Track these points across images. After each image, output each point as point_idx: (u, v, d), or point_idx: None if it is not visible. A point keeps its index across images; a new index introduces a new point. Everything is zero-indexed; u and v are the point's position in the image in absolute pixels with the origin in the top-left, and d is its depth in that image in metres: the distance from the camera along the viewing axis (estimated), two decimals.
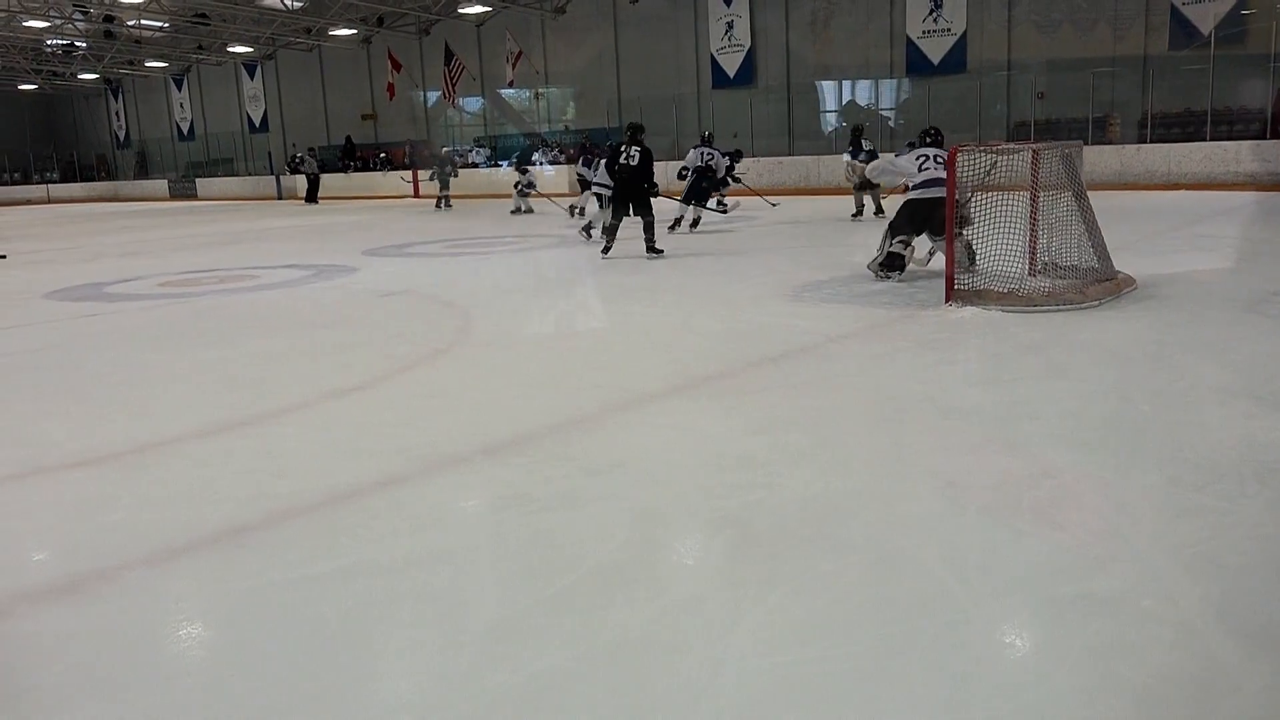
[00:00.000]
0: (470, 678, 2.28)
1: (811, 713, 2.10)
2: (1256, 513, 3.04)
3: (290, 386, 5.40)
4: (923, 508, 3.22)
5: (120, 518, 3.43)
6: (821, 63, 23.59)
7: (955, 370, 5.33)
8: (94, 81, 39.74)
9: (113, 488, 3.79)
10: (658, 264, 9.88)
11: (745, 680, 2.23)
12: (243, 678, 2.33)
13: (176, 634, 2.61)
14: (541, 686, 2.24)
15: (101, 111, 42.57)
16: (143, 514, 3.45)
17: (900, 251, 8.08)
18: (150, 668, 2.42)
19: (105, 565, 2.99)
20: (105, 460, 4.13)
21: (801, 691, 2.18)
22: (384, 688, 2.28)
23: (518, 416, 4.55)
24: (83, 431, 4.61)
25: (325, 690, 2.26)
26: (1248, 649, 2.26)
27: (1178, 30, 18.73)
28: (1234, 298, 6.70)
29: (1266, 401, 4.28)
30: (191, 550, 3.10)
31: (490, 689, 2.23)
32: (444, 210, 21.57)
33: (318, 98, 34.48)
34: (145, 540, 3.18)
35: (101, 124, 42.82)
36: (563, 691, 2.22)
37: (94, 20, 30.11)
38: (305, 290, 9.43)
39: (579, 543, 3.04)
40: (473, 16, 28.75)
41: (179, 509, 3.47)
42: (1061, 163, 7.25)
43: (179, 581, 2.90)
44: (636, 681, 2.25)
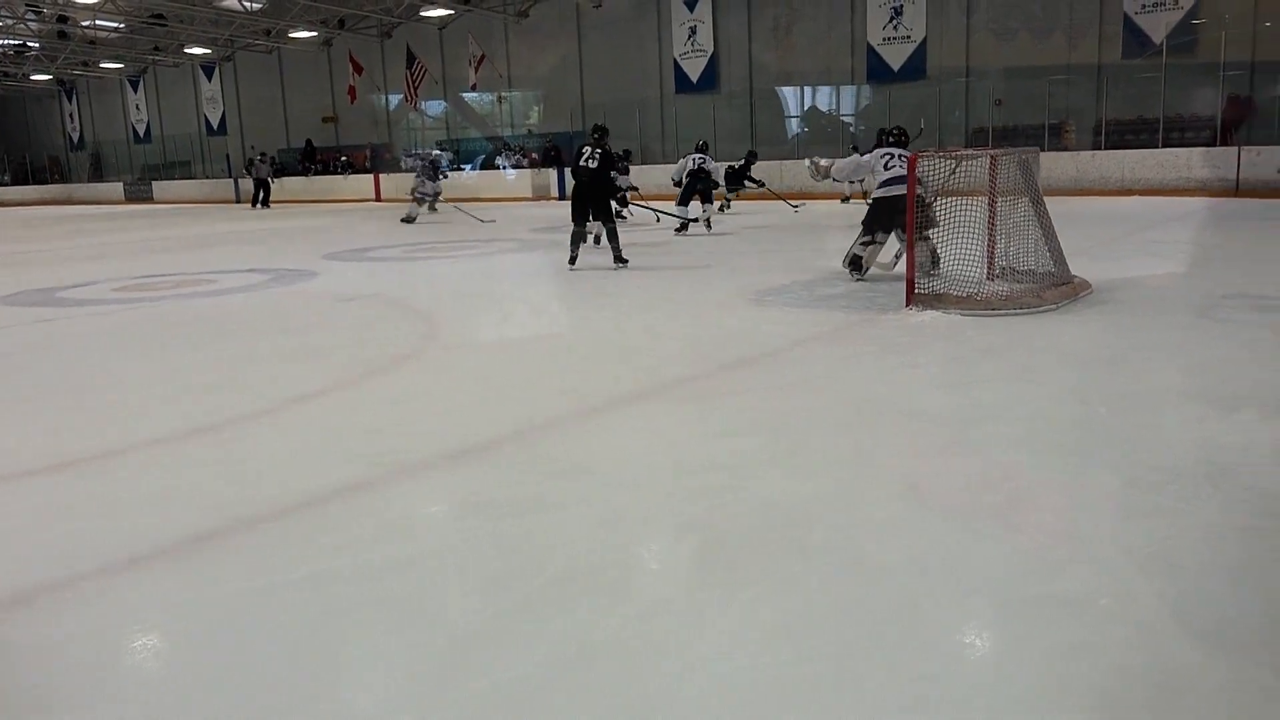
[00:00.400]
0: (437, 685, 2.28)
1: (778, 716, 2.11)
2: (1211, 514, 3.10)
3: (251, 392, 5.34)
4: (886, 511, 3.25)
5: (77, 526, 3.38)
6: (783, 69, 23.73)
7: (917, 374, 5.39)
8: (47, 82, 39.06)
9: (70, 496, 3.73)
10: (622, 269, 9.89)
11: (712, 684, 2.24)
12: (205, 689, 2.31)
13: (135, 645, 2.57)
14: (509, 693, 2.23)
15: (55, 113, 41.85)
16: (100, 522, 3.40)
17: (860, 254, 8.23)
18: (109, 681, 2.39)
19: (62, 575, 2.94)
20: (62, 468, 4.06)
21: (768, 695, 2.19)
22: (350, 696, 2.27)
23: (483, 422, 4.53)
24: (37, 439, 4.53)
25: (291, 701, 2.24)
26: (1203, 648, 2.31)
27: (1130, 39, 19.06)
28: (1187, 302, 6.83)
29: (1219, 404, 4.37)
30: (151, 559, 3.06)
31: (458, 696, 2.23)
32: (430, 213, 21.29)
33: (277, 100, 34.13)
34: (102, 549, 3.13)
35: (55, 126, 42.09)
36: (530, 698, 2.21)
37: (47, 20, 29.63)
38: (265, 295, 9.34)
39: (545, 548, 3.04)
40: (435, 19, 28.62)
41: (138, 517, 3.42)
42: (1019, 169, 7.36)
43: (138, 591, 2.86)
44: (603, 687, 2.25)
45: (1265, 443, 3.84)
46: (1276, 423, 4.09)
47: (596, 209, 9.85)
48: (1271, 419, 4.14)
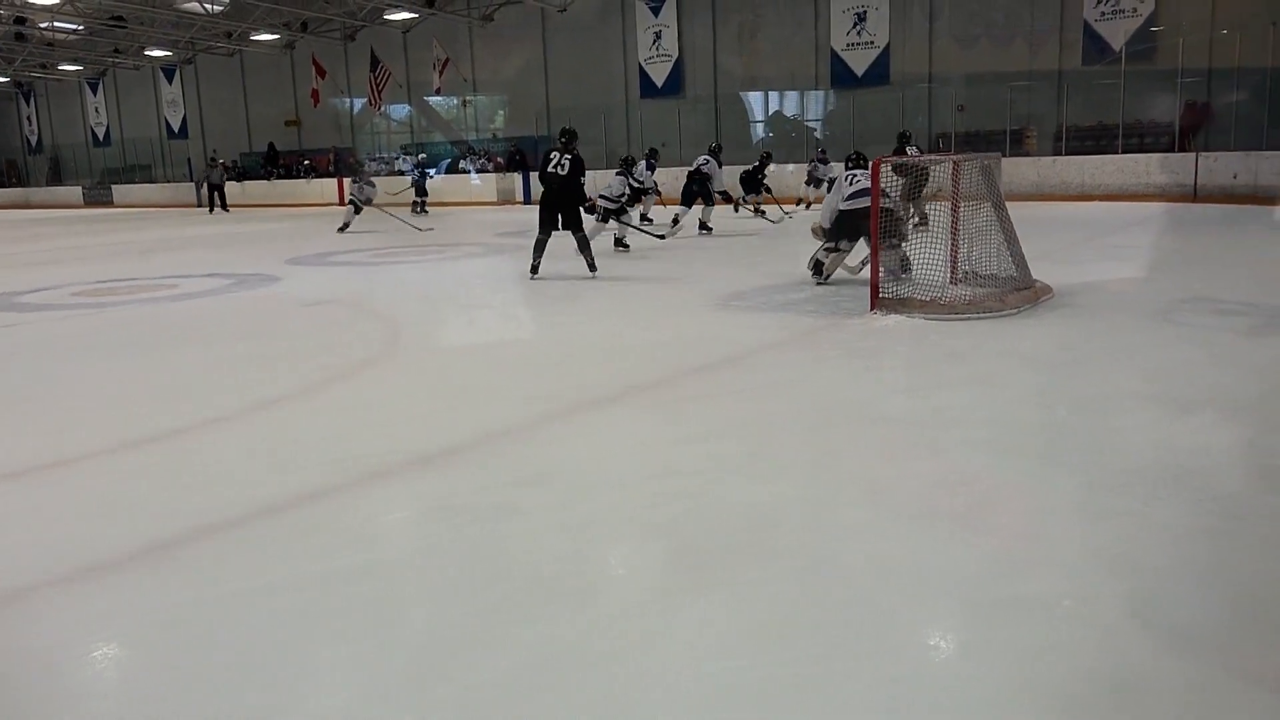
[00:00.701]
0: (403, 692, 2.25)
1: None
2: (1170, 514, 3.14)
3: (212, 398, 5.27)
4: (852, 514, 3.26)
5: (33, 535, 3.31)
6: (748, 74, 23.84)
7: (881, 378, 5.43)
8: (4, 85, 38.41)
9: (25, 503, 3.66)
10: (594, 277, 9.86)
11: (678, 689, 2.23)
12: (165, 700, 2.27)
13: (93, 656, 2.52)
14: (475, 700, 2.22)
15: (12, 115, 41.17)
16: (57, 531, 3.34)
17: (822, 258, 8.32)
18: (64, 692, 2.34)
19: (16, 585, 2.89)
20: (18, 475, 3.98)
21: (734, 699, 2.19)
22: (314, 705, 2.24)
23: (448, 427, 4.51)
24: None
25: (254, 711, 2.21)
26: (1164, 649, 2.33)
27: (1090, 46, 19.33)
28: (1146, 306, 6.92)
29: (1179, 407, 4.43)
30: (109, 568, 3.01)
31: (423, 703, 2.21)
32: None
33: (239, 103, 33.79)
34: (59, 558, 3.07)
35: (12, 128, 41.41)
36: (497, 704, 2.20)
37: (4, 21, 29.13)
38: (227, 300, 9.23)
39: (511, 554, 3.02)
40: (399, 23, 28.47)
41: (95, 525, 3.37)
42: (981, 174, 7.43)
43: (96, 601, 2.81)
44: (570, 693, 2.24)
45: (1223, 445, 3.90)
46: (1234, 425, 4.15)
47: (567, 218, 9.33)
48: (1229, 421, 4.20)
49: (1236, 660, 2.28)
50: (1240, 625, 2.46)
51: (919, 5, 21.20)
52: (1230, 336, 5.89)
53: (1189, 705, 2.13)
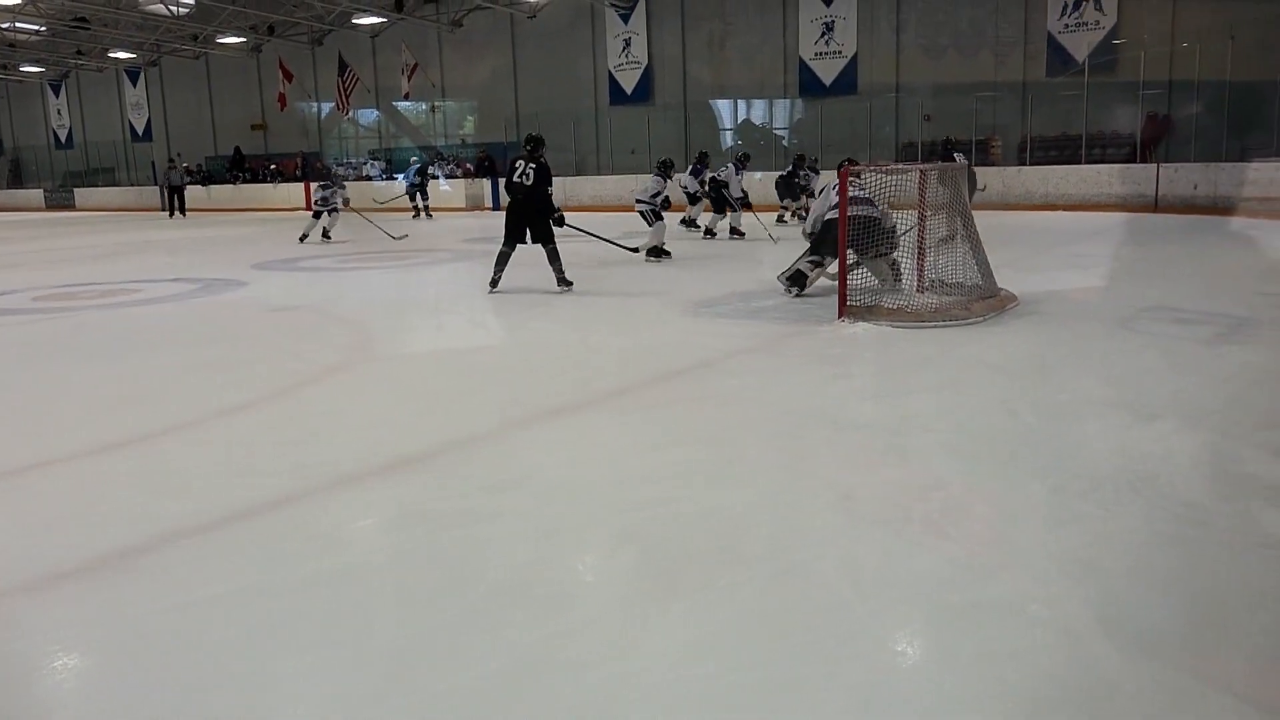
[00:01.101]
0: (372, 701, 2.24)
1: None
2: (1133, 520, 3.18)
3: (178, 404, 5.22)
4: (820, 520, 3.28)
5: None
6: (717, 82, 23.93)
7: (849, 384, 5.46)
8: None
9: None
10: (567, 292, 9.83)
11: (649, 696, 2.24)
12: (130, 710, 2.24)
13: (56, 665, 2.49)
14: (444, 707, 2.21)
15: None
16: (21, 539, 3.29)
17: (806, 271, 8.18)
18: (29, 703, 2.31)
19: None
20: None
21: (705, 705, 2.20)
22: (283, 714, 2.22)
23: (417, 434, 4.49)
24: None
25: None
26: (1128, 653, 2.36)
27: (1054, 58, 19.58)
28: (1109, 314, 7.01)
29: (1140, 413, 4.49)
30: (75, 575, 2.97)
31: (393, 712, 2.19)
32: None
33: (204, 106, 33.47)
34: (23, 566, 3.03)
35: None
36: (466, 713, 2.19)
37: None
38: (192, 305, 9.14)
39: (480, 561, 3.01)
40: (367, 27, 28.33)
41: (60, 533, 3.32)
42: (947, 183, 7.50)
43: (61, 609, 2.77)
44: (539, 701, 2.23)
45: (1185, 451, 3.96)
46: (1195, 432, 4.22)
47: (534, 231, 8.85)
48: (1190, 428, 4.27)
49: (1199, 664, 2.32)
50: (1202, 629, 2.50)
51: (886, 16, 21.39)
52: (1191, 345, 5.98)
53: (1153, 709, 2.16)
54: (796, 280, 8.25)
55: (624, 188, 23.13)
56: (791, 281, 8.25)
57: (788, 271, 8.33)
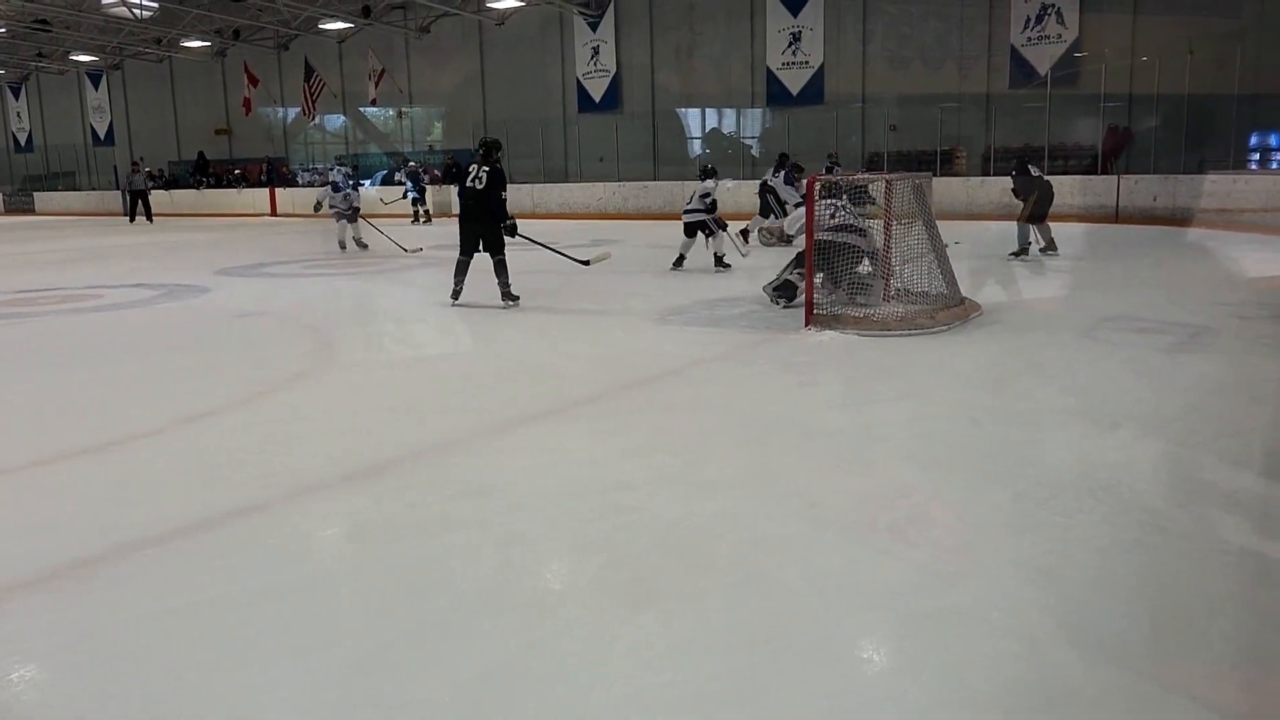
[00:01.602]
0: (336, 713, 2.23)
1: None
2: (1093, 527, 3.22)
3: (139, 412, 5.16)
4: (786, 528, 3.30)
5: None
6: (685, 90, 23.99)
7: (815, 393, 5.49)
8: None
9: None
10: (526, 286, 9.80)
11: (617, 705, 2.24)
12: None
13: (13, 677, 2.45)
14: (410, 719, 2.20)
15: None
16: None
17: (796, 281, 8.02)
18: None
19: None
20: None
21: (673, 714, 2.20)
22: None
23: (382, 442, 4.46)
24: None
25: None
26: (1088, 659, 2.39)
27: (1017, 70, 19.82)
28: (1071, 324, 7.10)
29: (1101, 422, 4.56)
30: (31, 586, 2.93)
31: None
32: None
33: (168, 111, 33.10)
34: None
35: None
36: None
37: None
38: (155, 311, 9.04)
39: (446, 570, 3.00)
40: (334, 33, 28.15)
41: (16, 542, 3.27)
42: (913, 193, 7.57)
43: (17, 620, 2.73)
44: (508, 711, 2.23)
45: (1144, 459, 4.02)
46: (1155, 440, 4.28)
47: (485, 238, 8.46)
48: (1150, 436, 4.33)
49: (1159, 669, 2.35)
50: (1162, 635, 2.54)
51: (853, 28, 21.55)
52: (1151, 354, 6.07)
53: (1114, 714, 2.19)
54: (785, 291, 8.12)
55: (591, 195, 23.17)
56: (779, 292, 8.14)
57: (775, 282, 8.21)
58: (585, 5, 23.98)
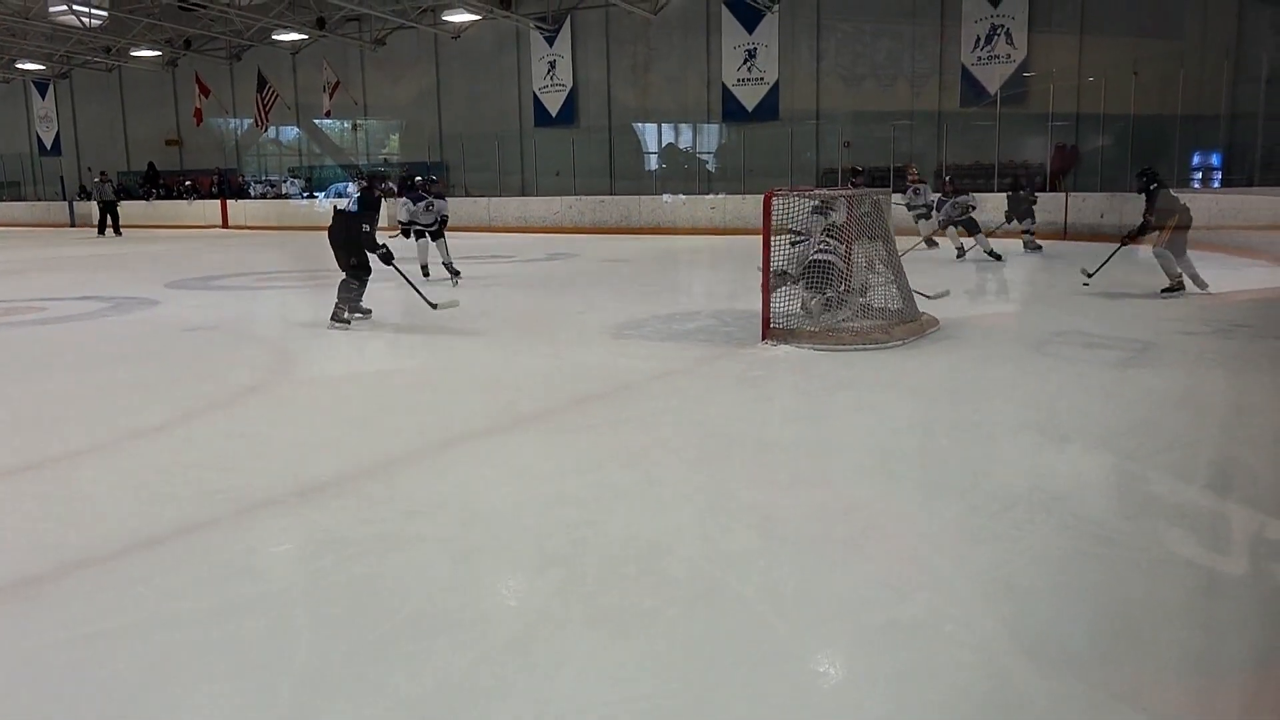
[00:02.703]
0: None
1: None
2: (1045, 538, 3.26)
3: (83, 427, 5.05)
4: (741, 542, 3.30)
5: None
6: (642, 105, 24.08)
7: (770, 406, 5.51)
8: None
9: None
10: (483, 300, 9.78)
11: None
12: None
13: None
14: None
15: None
16: None
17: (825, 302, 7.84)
18: None
19: None
20: None
21: None
22: None
23: (334, 456, 4.40)
24: None
25: None
26: (1039, 668, 2.42)
27: (968, 89, 20.14)
28: (1022, 339, 7.20)
29: (1052, 435, 4.62)
30: None
31: None
32: None
33: (117, 121, 32.61)
34: None
35: None
36: None
37: None
38: (101, 324, 8.87)
39: (399, 587, 2.96)
40: (288, 44, 27.91)
41: None
42: (871, 209, 7.64)
43: None
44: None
45: (1093, 471, 4.08)
46: (1103, 453, 4.34)
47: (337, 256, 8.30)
48: (1098, 449, 4.39)
49: (1108, 678, 2.38)
50: (1111, 644, 2.57)
51: (807, 45, 21.78)
52: (1100, 369, 6.17)
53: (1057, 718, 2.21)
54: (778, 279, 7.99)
55: (548, 209, 23.14)
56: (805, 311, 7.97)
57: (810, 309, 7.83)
58: (542, 20, 24.01)
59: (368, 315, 8.68)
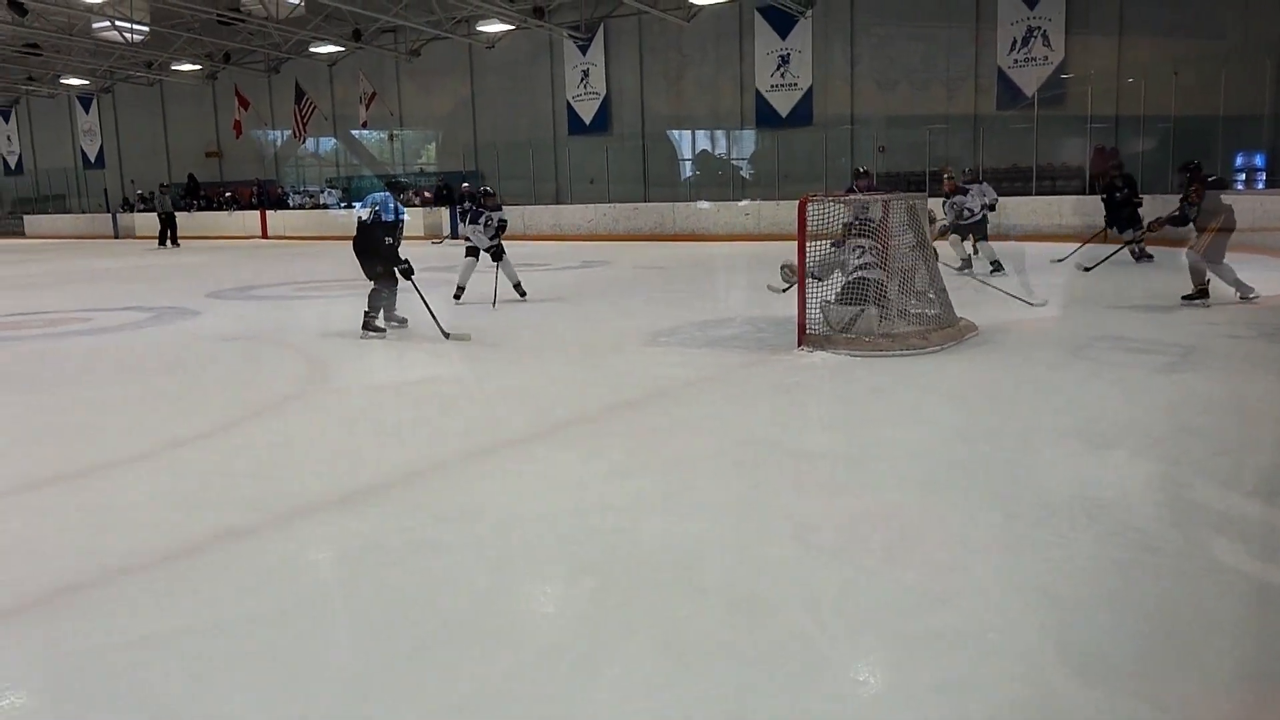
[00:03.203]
0: None
1: None
2: (1088, 546, 3.21)
3: (126, 436, 5.12)
4: (778, 550, 3.27)
5: None
6: (675, 112, 24.08)
7: (806, 414, 5.48)
8: None
9: None
10: (516, 309, 9.82)
11: None
12: None
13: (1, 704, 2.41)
14: None
15: None
16: None
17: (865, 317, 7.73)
18: None
19: None
20: None
21: None
22: None
23: (370, 465, 4.43)
24: None
25: None
26: (1082, 677, 2.37)
27: (1004, 91, 19.95)
28: (1062, 343, 7.10)
29: (1094, 441, 4.55)
30: (16, 613, 2.89)
31: None
32: None
33: (159, 133, 33.13)
34: None
35: None
36: None
37: None
38: (143, 334, 9.00)
39: (434, 594, 2.96)
40: (325, 56, 28.22)
41: (2, 568, 3.23)
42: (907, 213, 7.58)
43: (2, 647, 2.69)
44: None
45: (1137, 478, 4.01)
46: (1147, 459, 4.27)
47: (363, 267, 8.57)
48: (1142, 455, 4.32)
49: (1154, 690, 2.33)
50: (1157, 655, 2.52)
51: (840, 50, 21.69)
52: (1142, 373, 6.07)
53: None
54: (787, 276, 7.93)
55: (582, 217, 23.19)
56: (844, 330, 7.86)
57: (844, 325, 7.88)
58: (575, 29, 24.09)
59: (403, 324, 8.76)
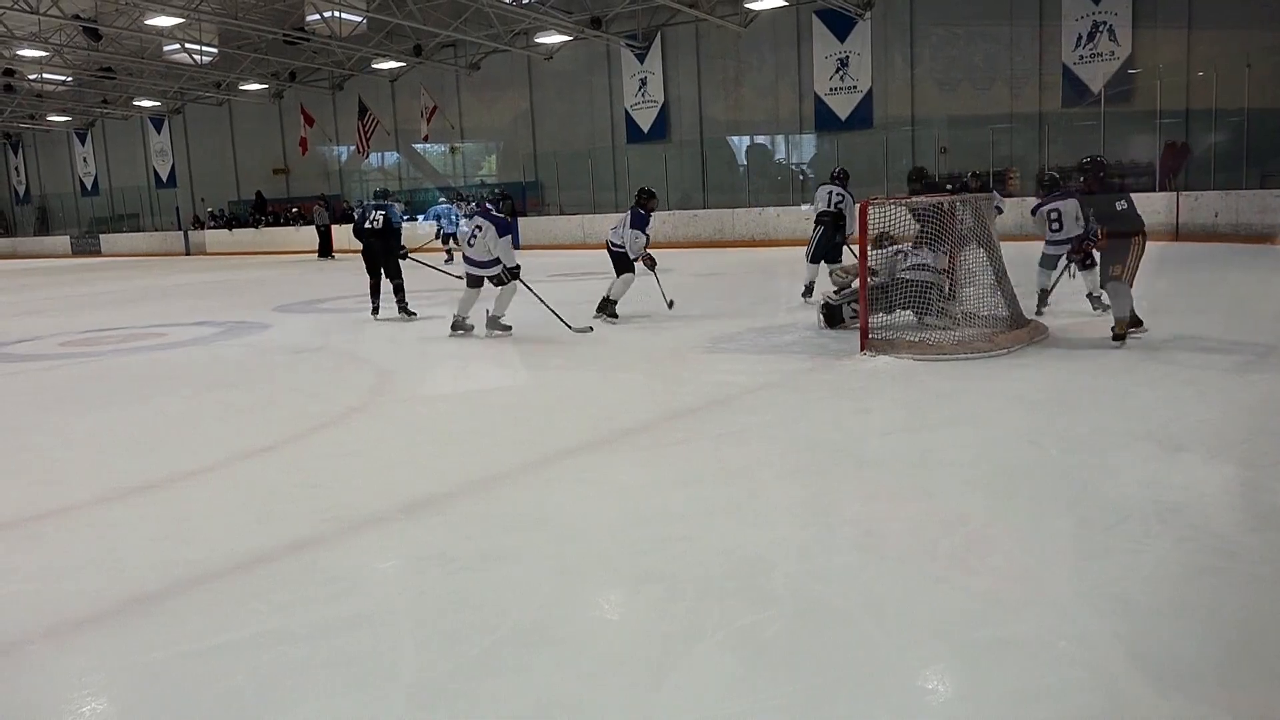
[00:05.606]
0: None
1: None
2: (1162, 552, 3.14)
3: (198, 448, 5.24)
4: (842, 557, 3.25)
5: (17, 589, 3.28)
6: (733, 118, 24.06)
7: (871, 419, 5.42)
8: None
9: (10, 557, 3.62)
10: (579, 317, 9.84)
11: None
12: None
13: (80, 711, 2.48)
14: None
15: (1, 166, 41.27)
16: (42, 585, 3.30)
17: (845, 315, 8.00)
18: None
19: (2, 640, 2.85)
20: (5, 527, 3.94)
21: None
22: None
23: (436, 474, 4.48)
24: None
25: None
26: (1157, 687, 2.32)
27: (1070, 89, 19.59)
28: (1134, 345, 6.94)
29: (1166, 444, 4.44)
30: (94, 622, 2.97)
31: None
32: None
33: (227, 152, 33.95)
34: (45, 613, 3.04)
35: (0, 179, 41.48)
36: None
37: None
38: (214, 348, 9.21)
39: (500, 602, 2.99)
40: (386, 72, 28.70)
41: (81, 578, 3.33)
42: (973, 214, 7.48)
43: (81, 656, 2.77)
44: None
45: (1211, 482, 3.90)
46: (1221, 463, 4.16)
47: (386, 267, 10.52)
48: (1216, 459, 4.21)
49: (1232, 698, 2.27)
50: (1232, 664, 2.45)
51: (900, 51, 21.50)
52: (1217, 375, 5.92)
53: None
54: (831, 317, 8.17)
55: None
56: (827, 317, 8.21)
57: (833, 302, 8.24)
58: (632, 38, 24.19)
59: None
